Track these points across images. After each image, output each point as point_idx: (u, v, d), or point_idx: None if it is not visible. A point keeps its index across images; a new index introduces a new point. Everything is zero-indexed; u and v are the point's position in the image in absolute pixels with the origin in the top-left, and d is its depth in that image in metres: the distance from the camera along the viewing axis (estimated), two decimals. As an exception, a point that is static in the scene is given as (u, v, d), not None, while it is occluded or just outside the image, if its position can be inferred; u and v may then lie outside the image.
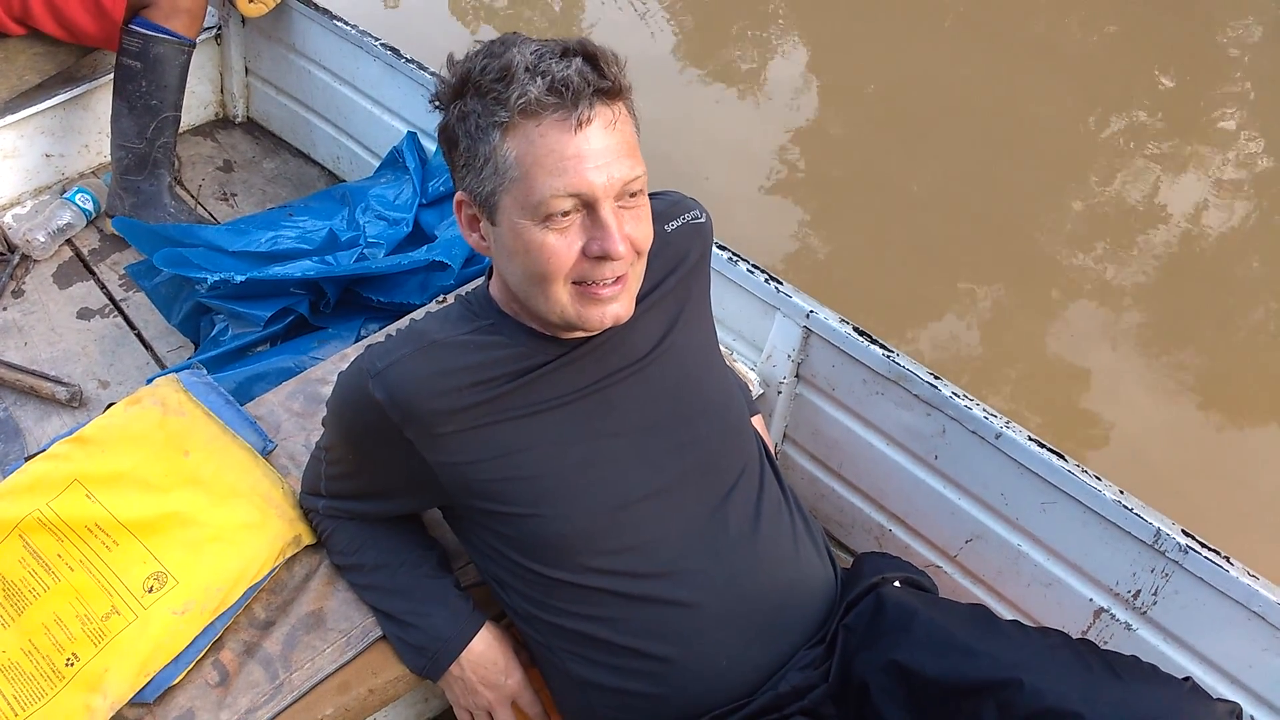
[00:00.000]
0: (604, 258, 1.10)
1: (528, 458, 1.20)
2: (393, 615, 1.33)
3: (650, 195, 1.33)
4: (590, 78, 1.06)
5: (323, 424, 1.33)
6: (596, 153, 1.07)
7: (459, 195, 1.17)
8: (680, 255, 1.30)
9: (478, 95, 1.08)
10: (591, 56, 1.08)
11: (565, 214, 1.08)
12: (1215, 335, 3.09)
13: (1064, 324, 3.07)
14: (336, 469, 1.33)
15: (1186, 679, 1.12)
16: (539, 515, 1.21)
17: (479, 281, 1.87)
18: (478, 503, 1.22)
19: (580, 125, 1.06)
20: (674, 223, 1.31)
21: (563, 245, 1.09)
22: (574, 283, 1.13)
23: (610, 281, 1.13)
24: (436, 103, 1.15)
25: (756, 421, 1.53)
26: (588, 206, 1.09)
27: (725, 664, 1.24)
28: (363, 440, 1.24)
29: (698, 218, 1.34)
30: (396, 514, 1.36)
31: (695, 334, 1.34)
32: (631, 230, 1.11)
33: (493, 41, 1.11)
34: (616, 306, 1.15)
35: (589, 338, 1.21)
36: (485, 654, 1.31)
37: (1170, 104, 4.03)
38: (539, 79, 1.05)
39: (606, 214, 1.08)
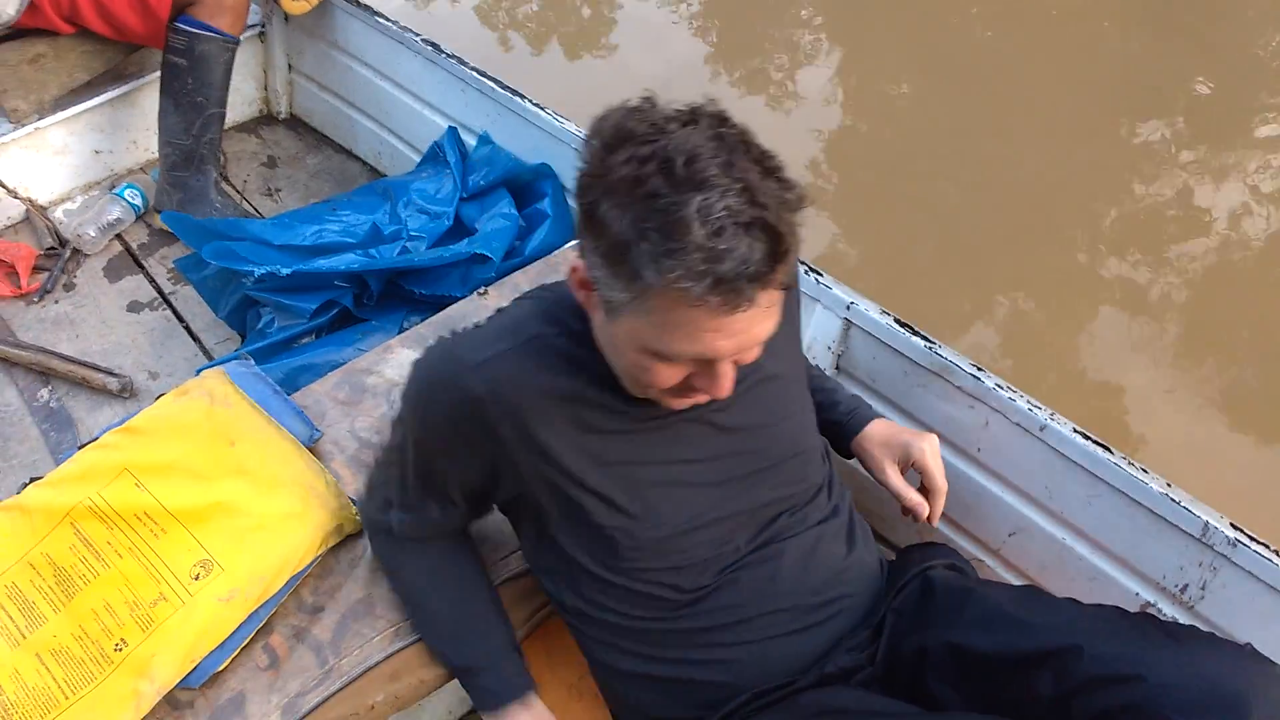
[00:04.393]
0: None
1: (609, 472, 1.19)
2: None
3: None
4: (761, 270, 0.93)
5: (392, 426, 1.29)
6: (738, 330, 0.99)
7: (578, 263, 1.06)
8: None
9: (646, 212, 0.93)
10: (777, 236, 0.93)
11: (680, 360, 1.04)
12: (1251, 348, 3.02)
13: (1097, 335, 3.01)
14: (413, 469, 1.26)
15: (1247, 644, 1.10)
16: (611, 525, 1.20)
17: (537, 267, 1.85)
18: (553, 505, 1.21)
19: (732, 312, 0.95)
20: None
21: (669, 373, 1.05)
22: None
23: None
24: (587, 148, 1.01)
25: (876, 425, 1.48)
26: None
27: (775, 653, 1.24)
28: (450, 435, 1.20)
29: None
30: (470, 522, 1.36)
31: (782, 361, 1.30)
32: (749, 354, 1.06)
33: (664, 135, 0.95)
34: (705, 398, 1.11)
35: None
36: None
37: (1207, 110, 3.95)
38: (708, 274, 0.91)
39: (724, 367, 1.04)
